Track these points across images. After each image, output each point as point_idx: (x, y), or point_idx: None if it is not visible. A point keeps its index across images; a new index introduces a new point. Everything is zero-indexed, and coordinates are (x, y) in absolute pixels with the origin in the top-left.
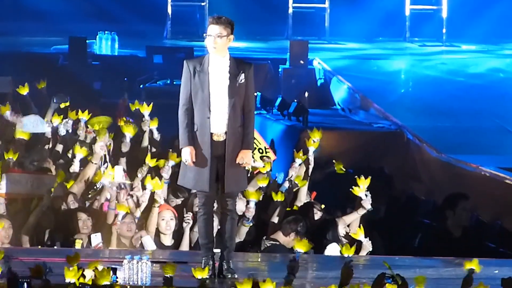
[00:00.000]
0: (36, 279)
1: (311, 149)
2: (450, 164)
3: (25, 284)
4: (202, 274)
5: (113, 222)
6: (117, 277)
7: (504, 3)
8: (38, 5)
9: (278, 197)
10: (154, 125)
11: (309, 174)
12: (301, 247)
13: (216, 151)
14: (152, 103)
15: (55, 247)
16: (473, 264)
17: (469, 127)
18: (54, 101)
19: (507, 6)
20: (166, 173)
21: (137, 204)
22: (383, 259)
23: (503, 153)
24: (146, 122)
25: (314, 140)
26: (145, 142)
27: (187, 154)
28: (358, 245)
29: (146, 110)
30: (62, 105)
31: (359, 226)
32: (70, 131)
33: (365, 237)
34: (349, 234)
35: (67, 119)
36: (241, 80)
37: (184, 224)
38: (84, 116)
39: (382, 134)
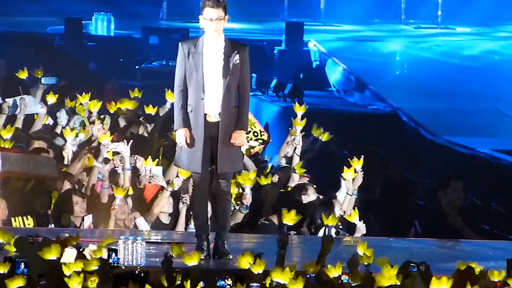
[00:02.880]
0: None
1: (298, 128)
2: (445, 146)
3: (22, 264)
4: (192, 260)
5: (112, 207)
6: (118, 258)
7: None
8: None
9: (266, 181)
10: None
11: (299, 154)
12: (289, 220)
13: (209, 132)
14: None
15: (51, 226)
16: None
17: (464, 109)
18: (42, 82)
19: None
20: None
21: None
22: (377, 240)
23: (498, 135)
24: (165, 107)
25: (298, 114)
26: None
27: (181, 136)
28: (352, 227)
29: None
30: (60, 84)
31: (354, 209)
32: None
33: (360, 219)
34: (344, 216)
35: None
36: (235, 61)
37: (181, 205)
38: (85, 99)
39: (377, 115)
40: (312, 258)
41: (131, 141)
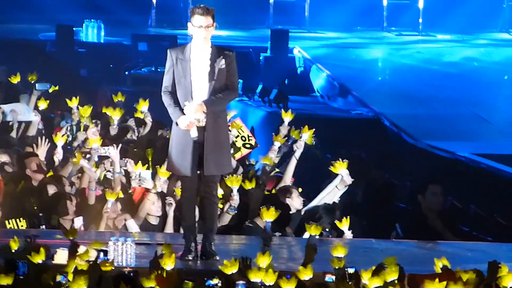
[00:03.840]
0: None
1: (305, 135)
2: (426, 150)
3: (20, 264)
4: (168, 262)
5: (104, 210)
6: (107, 258)
7: None
8: None
9: (251, 185)
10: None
11: (297, 158)
12: (269, 216)
13: (198, 136)
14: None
15: (42, 227)
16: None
17: (444, 114)
18: (36, 88)
19: None
20: None
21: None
22: (360, 242)
23: (477, 139)
24: (147, 114)
25: (286, 120)
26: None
27: (184, 120)
28: (340, 233)
29: (144, 105)
30: (51, 90)
31: (346, 217)
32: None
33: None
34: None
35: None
36: (221, 66)
37: (167, 207)
38: (74, 103)
39: (360, 120)
40: (298, 259)
41: (120, 145)
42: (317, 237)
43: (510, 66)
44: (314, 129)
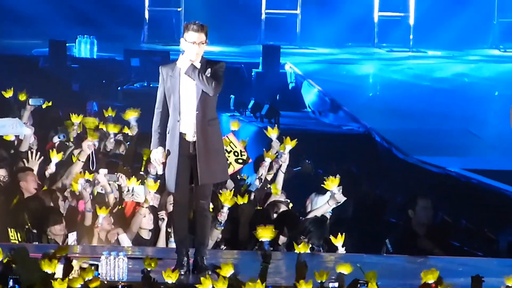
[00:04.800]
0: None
1: (288, 147)
2: (417, 165)
3: (11, 281)
4: (172, 277)
5: (95, 225)
6: (99, 273)
7: (468, 11)
8: (20, 9)
9: (243, 200)
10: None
11: (284, 171)
12: (266, 234)
13: (188, 151)
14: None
15: (35, 243)
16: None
17: (434, 129)
18: (29, 103)
19: (472, 13)
20: (153, 169)
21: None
22: (350, 256)
23: (467, 154)
24: (134, 127)
25: (273, 137)
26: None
27: (156, 154)
28: (331, 247)
29: (132, 115)
30: (44, 105)
31: (341, 234)
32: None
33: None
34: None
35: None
36: (207, 74)
37: (160, 222)
38: (78, 120)
39: (351, 136)
40: (291, 274)
41: (106, 170)
42: (308, 251)
43: (500, 82)
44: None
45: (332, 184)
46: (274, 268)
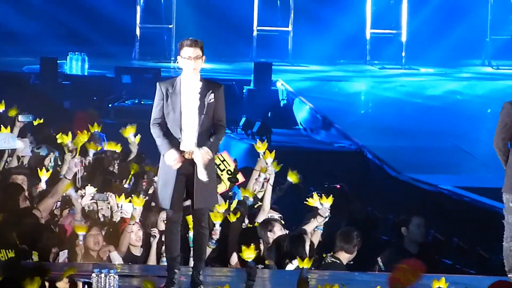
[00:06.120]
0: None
1: (269, 160)
2: (409, 183)
3: None
4: None
5: (76, 244)
6: None
7: (460, 28)
8: (11, 26)
9: (235, 218)
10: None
11: (271, 184)
12: (250, 254)
13: (186, 168)
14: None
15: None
16: (441, 283)
17: (427, 147)
18: (19, 119)
19: (464, 31)
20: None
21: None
22: (342, 274)
23: (460, 172)
24: (133, 143)
25: (259, 152)
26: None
27: (171, 157)
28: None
29: (132, 132)
30: (36, 122)
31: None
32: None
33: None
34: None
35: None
36: (210, 100)
37: (151, 239)
38: (68, 139)
39: (343, 153)
40: None
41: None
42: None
43: (493, 100)
44: (275, 153)
45: (315, 200)
46: (262, 286)
